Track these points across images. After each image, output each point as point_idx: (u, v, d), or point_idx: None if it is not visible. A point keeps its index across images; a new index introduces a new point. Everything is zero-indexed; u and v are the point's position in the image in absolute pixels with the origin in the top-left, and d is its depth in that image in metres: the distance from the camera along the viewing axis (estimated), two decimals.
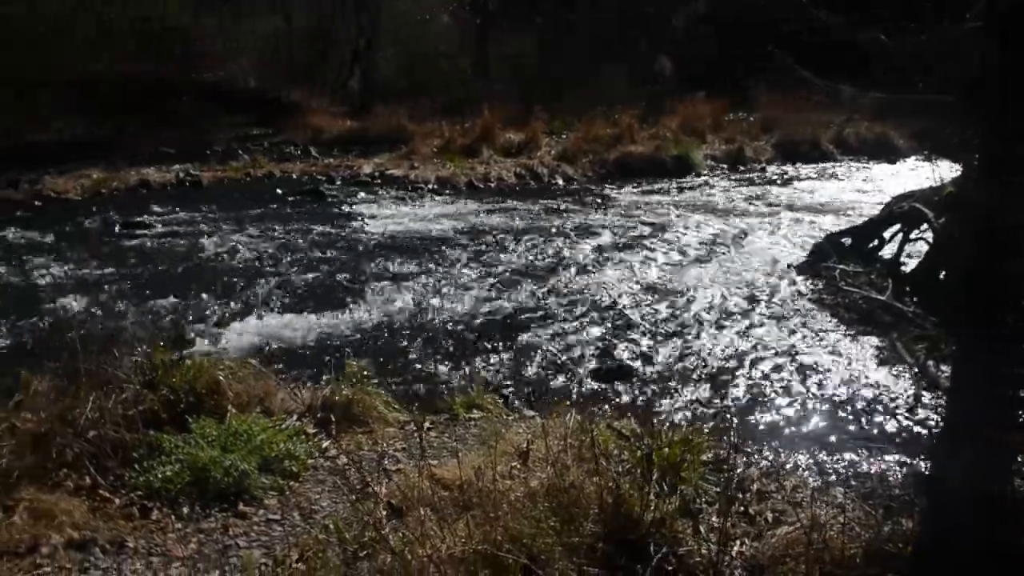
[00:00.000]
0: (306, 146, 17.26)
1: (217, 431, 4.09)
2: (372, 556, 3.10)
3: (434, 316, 7.47)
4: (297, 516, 3.72)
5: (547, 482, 3.58)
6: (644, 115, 18.36)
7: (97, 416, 4.08)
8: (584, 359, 6.51)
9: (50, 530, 3.49)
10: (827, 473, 4.74)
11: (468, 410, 5.03)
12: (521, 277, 8.74)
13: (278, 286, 8.29)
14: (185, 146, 16.64)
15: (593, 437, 3.94)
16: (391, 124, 17.94)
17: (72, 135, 16.24)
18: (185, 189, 13.53)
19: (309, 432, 4.39)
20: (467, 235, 10.58)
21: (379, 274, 8.77)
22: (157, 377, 4.42)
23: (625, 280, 8.64)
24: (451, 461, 4.02)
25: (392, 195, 13.16)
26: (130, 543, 3.48)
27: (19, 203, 12.16)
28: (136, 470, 3.91)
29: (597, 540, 3.30)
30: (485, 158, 15.48)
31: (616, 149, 16.08)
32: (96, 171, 13.95)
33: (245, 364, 4.79)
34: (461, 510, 3.38)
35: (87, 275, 8.62)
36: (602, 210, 12.38)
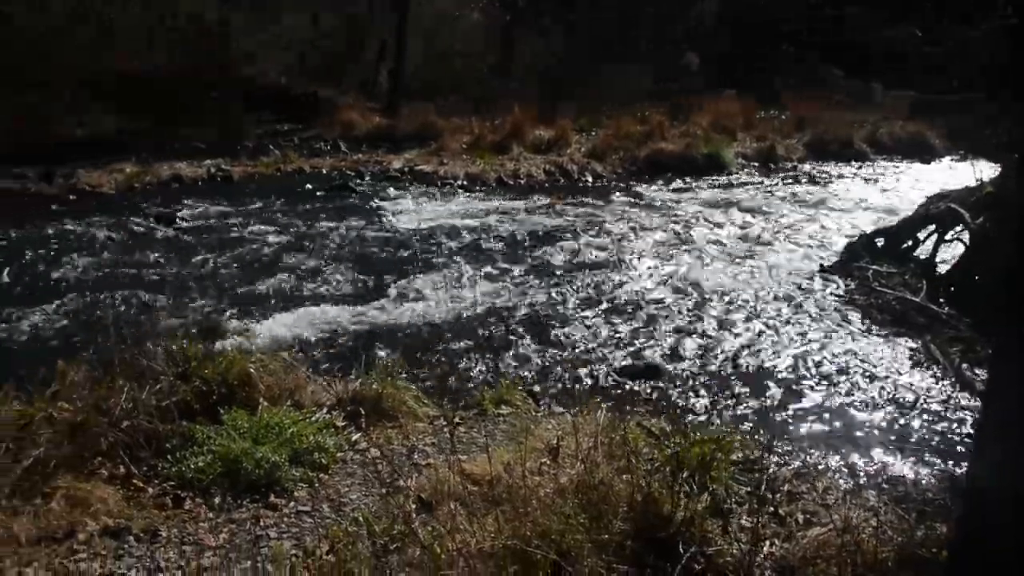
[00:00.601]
0: (336, 142, 17.33)
1: (248, 423, 4.12)
2: (402, 549, 3.12)
3: (464, 311, 7.47)
4: (327, 508, 3.74)
5: (576, 479, 3.57)
6: (674, 113, 18.28)
7: (131, 407, 4.13)
8: (613, 357, 6.48)
9: (86, 517, 3.54)
10: (859, 475, 4.69)
11: (497, 406, 5.04)
12: (551, 274, 8.73)
13: (308, 280, 8.33)
14: (216, 142, 16.80)
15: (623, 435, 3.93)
16: (420, 121, 17.96)
17: (106, 130, 16.44)
18: (216, 184, 13.65)
19: (339, 425, 4.41)
20: (496, 232, 10.57)
21: (408, 269, 8.80)
22: (190, 369, 4.46)
23: (655, 278, 8.60)
24: (480, 456, 4.03)
25: (421, 191, 13.19)
26: (163, 532, 3.52)
27: (54, 197, 12.34)
28: (169, 460, 3.96)
29: (626, 538, 3.29)
30: (515, 155, 15.46)
31: (646, 146, 16.00)
32: (129, 165, 14.11)
33: (276, 357, 4.83)
34: (490, 505, 3.39)
35: (121, 267, 8.73)
36: (631, 208, 12.32)
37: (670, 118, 17.75)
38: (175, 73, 18.64)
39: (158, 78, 18.18)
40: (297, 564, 3.13)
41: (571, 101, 18.70)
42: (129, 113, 17.06)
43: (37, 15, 17.67)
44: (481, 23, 23.99)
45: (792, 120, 18.86)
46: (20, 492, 3.63)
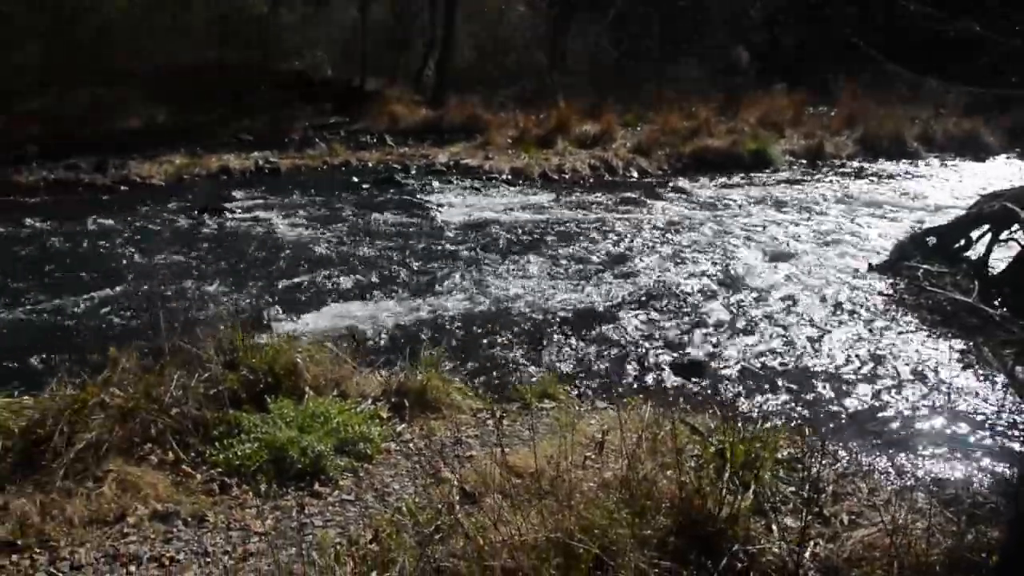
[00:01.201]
0: (382, 135, 17.44)
1: (295, 412, 4.17)
2: (446, 539, 3.13)
3: (507, 305, 7.48)
4: (371, 497, 3.77)
5: (620, 474, 3.56)
6: (721, 108, 18.12)
7: (180, 394, 4.20)
8: (657, 352, 6.45)
9: (136, 501, 3.62)
10: (906, 477, 4.61)
11: (540, 399, 5.05)
12: (594, 269, 8.71)
13: (353, 272, 8.40)
14: (264, 134, 17.02)
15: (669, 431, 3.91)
16: (466, 114, 18.02)
17: (156, 122, 16.74)
18: (264, 176, 13.82)
19: (383, 416, 4.45)
20: (540, 226, 10.57)
21: (453, 262, 8.83)
22: (237, 358, 4.53)
23: (700, 275, 8.53)
24: (524, 449, 4.04)
25: (467, 184, 13.22)
26: (210, 517, 3.58)
27: (106, 187, 12.61)
28: (216, 447, 4.02)
29: (668, 534, 3.28)
30: (560, 149, 15.44)
31: (692, 142, 15.89)
32: (179, 157, 14.37)
33: (322, 347, 4.88)
34: (534, 498, 3.39)
35: (170, 257, 8.88)
36: (677, 204, 12.24)
37: (717, 114, 17.61)
38: (225, 66, 18.92)
39: (208, 71, 18.47)
40: (341, 552, 3.16)
41: (617, 96, 18.61)
42: (179, 106, 17.35)
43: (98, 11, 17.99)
44: (529, 16, 23.96)
45: (842, 116, 18.59)
46: (73, 474, 3.72)
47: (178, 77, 18.01)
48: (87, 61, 17.35)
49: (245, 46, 20.47)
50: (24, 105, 15.96)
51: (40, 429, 3.96)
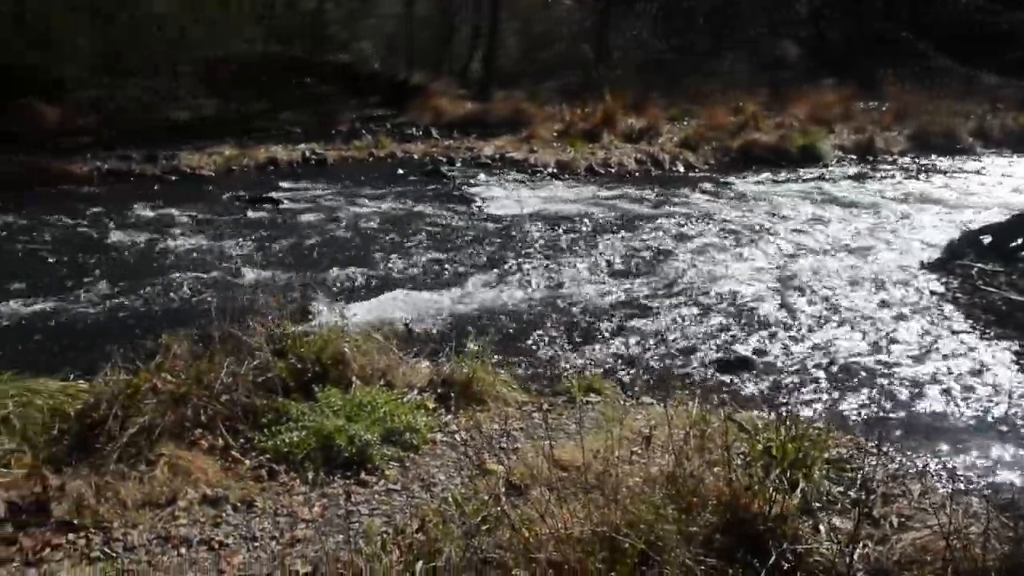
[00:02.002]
0: (427, 127, 17.51)
1: (342, 401, 4.21)
2: (492, 531, 3.13)
3: (553, 299, 7.47)
4: (417, 487, 3.79)
5: (667, 470, 3.54)
6: (768, 103, 17.90)
7: (230, 381, 4.26)
8: (704, 349, 6.39)
9: (187, 485, 3.68)
10: (959, 480, 4.52)
11: (586, 393, 5.03)
12: (640, 263, 8.65)
13: (399, 263, 8.45)
14: (311, 126, 17.19)
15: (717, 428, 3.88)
16: (511, 107, 18.02)
17: (205, 114, 16.98)
18: (311, 167, 13.95)
19: (429, 407, 4.47)
20: (587, 220, 10.53)
21: (498, 255, 8.84)
22: (286, 346, 4.58)
23: (748, 271, 8.43)
24: (569, 443, 4.03)
25: (512, 178, 13.22)
26: (258, 503, 3.63)
27: (157, 178, 12.83)
28: (265, 434, 4.07)
29: (714, 531, 3.25)
30: (605, 143, 15.37)
31: (739, 137, 15.72)
32: (228, 148, 14.56)
33: (369, 337, 4.91)
34: (580, 491, 3.38)
35: (220, 247, 9.00)
36: (724, 199, 12.12)
37: (764, 108, 17.40)
38: (273, 59, 19.13)
39: (256, 64, 18.69)
40: (387, 541, 3.18)
41: (662, 90, 18.48)
42: (228, 98, 17.58)
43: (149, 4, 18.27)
44: (574, 9, 23.88)
45: (892, 111, 18.27)
46: (127, 458, 3.79)
47: (227, 70, 18.26)
48: (138, 54, 17.66)
49: (293, 39, 20.68)
50: (78, 97, 16.30)
51: (95, 413, 4.04)
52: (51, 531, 3.37)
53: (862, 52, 21.30)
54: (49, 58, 15.95)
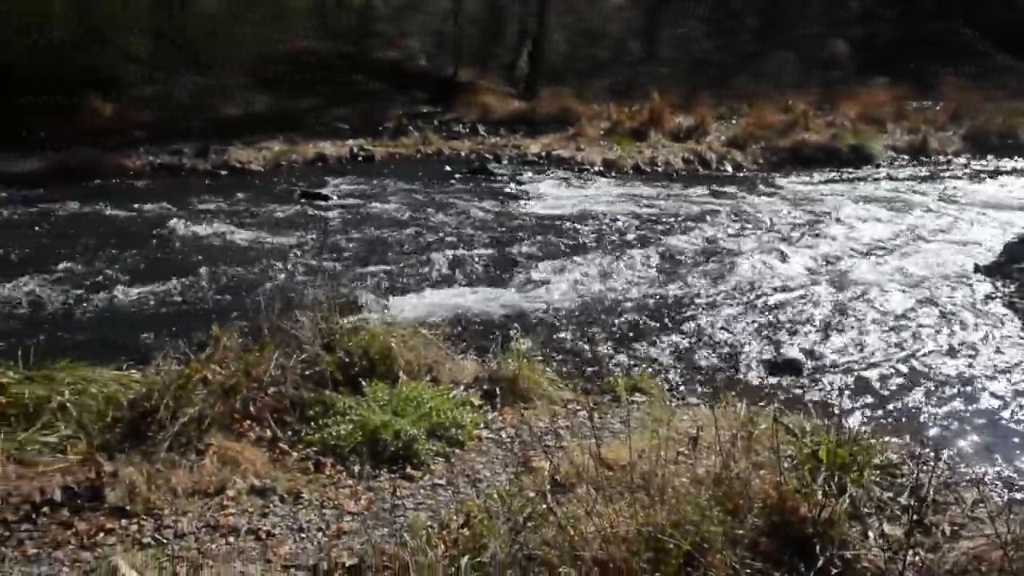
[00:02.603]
0: (474, 125, 17.55)
1: (388, 395, 4.23)
2: (537, 528, 3.13)
3: (599, 297, 7.45)
4: (462, 483, 3.80)
5: (713, 471, 3.50)
6: (819, 102, 17.65)
7: (278, 373, 4.31)
8: (751, 350, 6.32)
9: (235, 475, 3.73)
10: (1014, 489, 4.41)
11: (631, 393, 5.01)
12: (687, 263, 8.59)
13: (446, 260, 8.48)
14: (359, 122, 17.31)
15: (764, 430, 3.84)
16: (558, 105, 18.00)
17: (255, 110, 17.21)
18: (358, 163, 14.08)
19: (475, 403, 4.48)
20: (633, 218, 10.48)
21: (544, 253, 8.83)
22: (334, 340, 4.61)
23: (796, 272, 8.33)
24: (614, 442, 4.01)
25: (558, 176, 13.20)
26: (305, 494, 3.66)
27: (208, 172, 13.06)
28: (312, 427, 4.12)
29: (760, 534, 3.22)
30: (653, 142, 15.29)
31: (789, 137, 15.53)
32: (276, 144, 14.76)
33: (416, 333, 4.93)
34: (626, 491, 3.36)
35: (269, 241, 9.12)
36: (773, 199, 11.98)
37: (815, 107, 17.16)
38: (321, 56, 19.30)
39: (305, 61, 18.88)
40: (432, 535, 3.18)
41: (711, 88, 18.32)
42: (277, 94, 17.79)
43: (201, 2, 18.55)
44: (623, 7, 23.75)
45: (947, 110, 17.90)
46: (177, 447, 3.85)
47: (276, 66, 18.48)
48: (191, 51, 17.94)
49: (341, 36, 20.85)
50: (132, 93, 16.62)
51: (147, 402, 4.12)
52: (105, 516, 3.44)
53: (915, 51, 20.90)
54: (107, 57, 16.28)
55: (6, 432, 3.92)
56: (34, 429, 4.00)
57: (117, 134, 14.56)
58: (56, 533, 3.32)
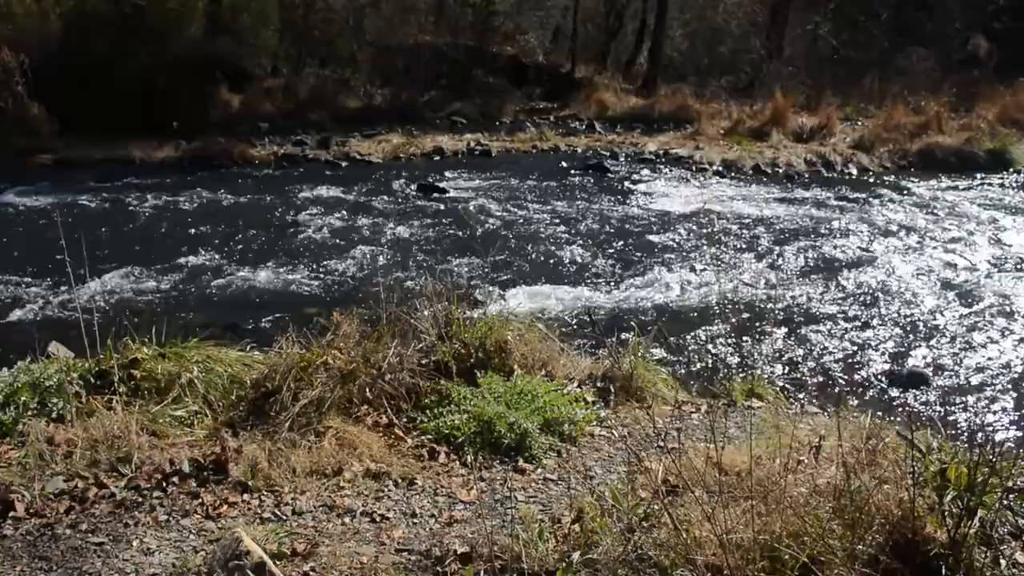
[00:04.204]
0: (591, 121, 17.50)
1: (503, 388, 4.24)
2: (649, 529, 3.08)
3: (717, 300, 7.31)
4: (572, 479, 3.77)
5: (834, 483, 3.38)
6: (954, 102, 16.80)
7: (396, 361, 4.37)
8: (874, 360, 6.09)
9: (352, 458, 3.81)
10: None
11: (747, 398, 4.88)
12: (808, 268, 8.34)
13: (561, 255, 8.49)
14: (476, 116, 17.54)
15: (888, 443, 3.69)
16: (677, 103, 17.78)
17: (375, 103, 17.63)
18: (475, 158, 14.21)
19: (588, 400, 4.44)
20: (752, 220, 10.24)
21: (661, 252, 8.73)
22: (451, 331, 4.65)
23: (922, 282, 7.97)
24: (728, 446, 3.91)
25: (676, 175, 13.01)
26: (419, 481, 3.71)
27: (329, 163, 13.44)
28: (427, 415, 4.16)
29: (880, 551, 3.09)
30: (774, 142, 14.89)
31: (919, 139, 14.85)
32: (395, 136, 15.09)
33: (532, 327, 4.92)
34: (741, 497, 3.28)
35: (388, 230, 9.32)
36: (900, 204, 11.48)
37: (949, 108, 16.34)
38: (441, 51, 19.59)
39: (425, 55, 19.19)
40: (544, 529, 3.17)
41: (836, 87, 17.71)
42: (396, 87, 18.15)
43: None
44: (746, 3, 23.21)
45: None
46: (297, 427, 3.96)
47: (396, 60, 18.85)
48: (315, 45, 18.50)
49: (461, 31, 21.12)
50: (259, 85, 17.27)
51: (269, 383, 4.25)
52: (228, 490, 3.56)
53: None
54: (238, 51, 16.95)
55: (140, 405, 4.12)
56: (165, 403, 4.19)
57: (244, 124, 15.17)
58: (184, 502, 3.46)
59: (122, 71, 13.65)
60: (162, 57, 14.38)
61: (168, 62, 14.37)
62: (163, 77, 14.07)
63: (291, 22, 18.40)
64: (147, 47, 14.36)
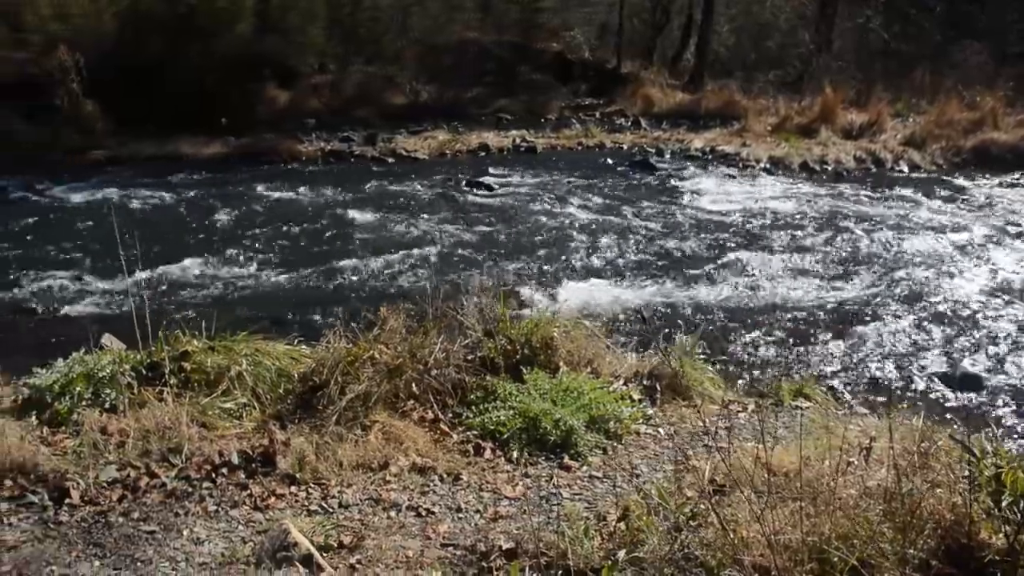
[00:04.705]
0: (636, 118, 17.39)
1: (548, 385, 4.24)
2: (696, 528, 3.06)
3: (763, 298, 7.23)
4: (618, 477, 3.76)
5: (884, 485, 3.33)
6: (1011, 98, 16.37)
7: (442, 357, 4.39)
8: (926, 363, 5.98)
9: (398, 453, 3.84)
10: None
11: (794, 398, 4.83)
12: (857, 267, 8.21)
13: (607, 253, 8.46)
14: (521, 113, 17.53)
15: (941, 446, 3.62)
16: (723, 99, 17.58)
17: (420, 100, 17.70)
18: (520, 154, 14.21)
19: (634, 398, 4.42)
20: (800, 218, 10.10)
21: (708, 250, 8.66)
22: (497, 327, 4.66)
23: (976, 283, 7.80)
24: (776, 446, 3.87)
25: (722, 172, 12.86)
26: (464, 476, 3.72)
27: (375, 159, 13.55)
28: (472, 411, 4.18)
29: (931, 556, 3.03)
30: (823, 139, 14.63)
31: (974, 136, 14.49)
32: (441, 133, 15.15)
33: (578, 324, 4.91)
34: (789, 498, 3.24)
35: (434, 227, 9.36)
36: (953, 203, 11.24)
37: (1006, 104, 15.92)
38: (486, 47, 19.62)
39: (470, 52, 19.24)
40: (589, 527, 3.17)
41: (887, 82, 17.37)
42: (442, 84, 18.21)
43: None
44: None
45: None
46: (344, 421, 4.00)
47: (442, 57, 18.91)
48: (361, 43, 18.63)
49: (506, 27, 21.12)
50: (306, 82, 17.43)
51: (316, 377, 4.30)
52: (276, 482, 3.61)
53: None
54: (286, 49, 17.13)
55: (190, 396, 4.19)
56: (214, 395, 4.26)
57: (291, 121, 15.34)
58: (233, 493, 3.52)
59: (173, 69, 13.88)
60: (212, 55, 14.60)
61: (218, 60, 14.59)
62: (213, 75, 14.29)
63: (338, 20, 18.53)
64: (197, 45, 14.58)
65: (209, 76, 14.19)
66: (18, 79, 13.52)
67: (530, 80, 19.61)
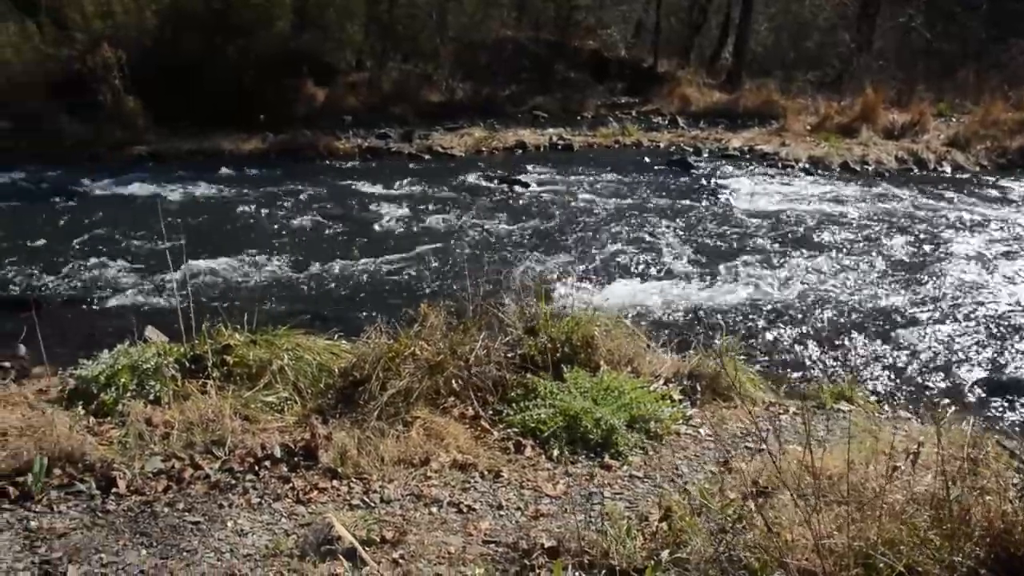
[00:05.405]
0: (673, 117, 17.30)
1: (589, 383, 4.23)
2: (738, 531, 3.03)
3: (803, 300, 7.15)
4: (659, 477, 3.74)
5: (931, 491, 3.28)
6: None
7: (483, 354, 4.39)
8: (971, 367, 5.89)
9: (439, 449, 3.84)
10: None
11: (837, 401, 4.77)
12: (900, 270, 8.09)
13: (647, 251, 8.42)
14: (558, 111, 17.51)
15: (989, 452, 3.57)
16: (762, 98, 17.44)
17: (457, 97, 17.74)
18: (557, 152, 14.19)
19: (675, 398, 4.40)
20: (841, 219, 9.98)
21: (747, 250, 8.59)
22: (537, 325, 4.65)
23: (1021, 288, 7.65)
24: (819, 449, 3.83)
25: (761, 171, 12.74)
26: (505, 473, 3.72)
27: (412, 156, 13.60)
28: (513, 408, 4.18)
29: (979, 564, 2.98)
30: (863, 139, 14.46)
31: (1020, 136, 14.25)
32: (477, 130, 15.16)
33: (618, 323, 4.90)
34: (833, 502, 3.21)
35: (472, 224, 9.38)
36: (998, 205, 11.05)
37: None
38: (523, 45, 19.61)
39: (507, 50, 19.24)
40: (632, 527, 3.15)
41: (929, 82, 17.13)
42: (478, 82, 18.24)
43: None
44: None
45: None
46: (385, 417, 4.02)
47: (478, 54, 18.93)
48: (398, 41, 18.71)
49: (543, 25, 21.10)
50: (344, 79, 17.54)
51: (357, 372, 4.32)
52: (318, 475, 3.64)
53: None
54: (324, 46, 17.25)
55: (233, 390, 4.23)
56: (257, 388, 4.30)
57: (328, 118, 15.44)
58: (276, 486, 3.54)
59: (211, 67, 14.04)
60: (250, 53, 14.74)
61: (255, 58, 14.73)
62: (251, 71, 14.43)
63: (376, 18, 18.62)
64: (236, 43, 14.73)
65: (247, 73, 14.34)
66: (64, 77, 13.75)
67: (566, 78, 19.57)
